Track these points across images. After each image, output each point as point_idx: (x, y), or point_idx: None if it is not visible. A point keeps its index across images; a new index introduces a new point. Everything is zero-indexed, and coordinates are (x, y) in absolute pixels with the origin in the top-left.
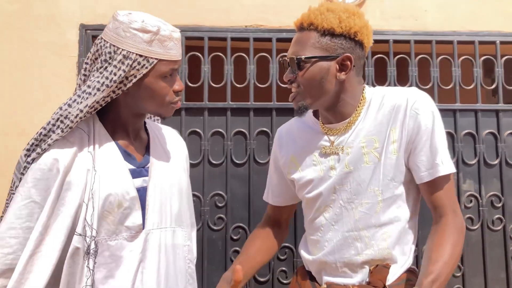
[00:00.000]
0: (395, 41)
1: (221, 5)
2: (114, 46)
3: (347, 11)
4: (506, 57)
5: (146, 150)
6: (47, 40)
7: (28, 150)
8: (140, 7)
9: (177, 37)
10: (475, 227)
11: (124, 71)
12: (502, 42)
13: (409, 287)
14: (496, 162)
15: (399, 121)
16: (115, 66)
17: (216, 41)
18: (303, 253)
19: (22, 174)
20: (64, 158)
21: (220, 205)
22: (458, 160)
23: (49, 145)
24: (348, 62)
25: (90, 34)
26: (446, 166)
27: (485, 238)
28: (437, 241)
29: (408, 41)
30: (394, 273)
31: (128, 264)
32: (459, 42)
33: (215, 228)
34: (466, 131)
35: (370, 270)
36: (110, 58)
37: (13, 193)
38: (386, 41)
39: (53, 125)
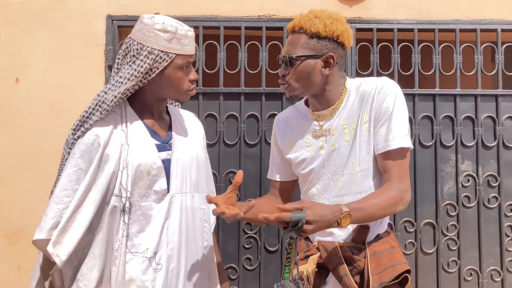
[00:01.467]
0: (399, 30)
1: None
2: (140, 44)
3: (331, 18)
4: (507, 44)
5: (169, 129)
6: (77, 30)
7: (74, 129)
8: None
9: (192, 35)
10: (472, 205)
11: (148, 64)
12: (503, 30)
13: (385, 244)
14: (494, 144)
15: (369, 105)
16: (141, 60)
17: (231, 30)
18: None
19: (70, 148)
20: (103, 135)
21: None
22: (457, 142)
23: (90, 125)
24: (331, 60)
25: (116, 24)
26: (397, 141)
27: (481, 215)
28: (375, 192)
29: (412, 30)
30: (372, 234)
31: (156, 221)
32: (461, 30)
33: None
34: (466, 115)
35: (353, 229)
36: (137, 53)
37: (63, 164)
38: (391, 30)
39: (93, 109)
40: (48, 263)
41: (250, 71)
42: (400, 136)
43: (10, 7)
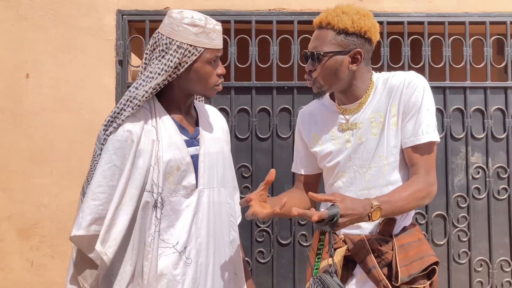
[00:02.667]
0: (409, 23)
1: None
2: (169, 38)
3: (359, 13)
4: None
5: (196, 124)
6: (88, 25)
7: (105, 125)
8: None
9: (219, 29)
10: (482, 196)
11: (178, 58)
12: None
13: (413, 236)
14: (503, 136)
15: (397, 98)
16: (171, 55)
17: (242, 24)
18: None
19: (102, 144)
20: (136, 131)
21: (246, 175)
22: (467, 135)
23: (122, 120)
24: (359, 56)
25: (126, 19)
26: (426, 136)
27: (491, 207)
28: (403, 185)
29: (422, 23)
30: (398, 226)
31: (185, 216)
32: (471, 23)
33: (241, 196)
34: (476, 107)
35: (379, 222)
36: (166, 48)
37: (96, 160)
38: (401, 23)
39: (124, 104)
40: (81, 259)
41: (261, 65)
42: (429, 130)
43: (21, 3)
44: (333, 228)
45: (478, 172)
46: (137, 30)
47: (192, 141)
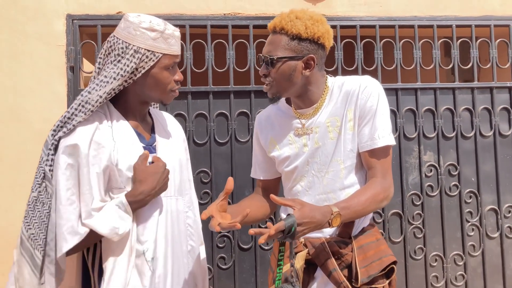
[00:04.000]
0: (362, 26)
1: None
2: (126, 42)
3: (312, 19)
4: (462, 39)
5: (152, 131)
6: (36, 30)
7: (54, 130)
8: None
9: (178, 35)
10: (435, 194)
11: (135, 63)
12: (458, 26)
13: (371, 237)
14: (453, 135)
15: (353, 103)
16: (127, 59)
17: (197, 28)
18: (283, 215)
19: (50, 149)
20: (89, 134)
21: (205, 181)
22: (419, 134)
23: (73, 125)
24: (312, 62)
25: (76, 24)
26: (382, 140)
27: (443, 203)
28: (361, 189)
29: (373, 26)
30: (357, 227)
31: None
32: (420, 26)
33: (201, 202)
34: (427, 107)
35: (338, 224)
36: (122, 52)
37: (42, 167)
38: (354, 27)
39: (76, 109)
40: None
41: (218, 70)
42: (384, 133)
43: None
44: (293, 238)
45: (431, 170)
46: (89, 35)
47: (149, 148)
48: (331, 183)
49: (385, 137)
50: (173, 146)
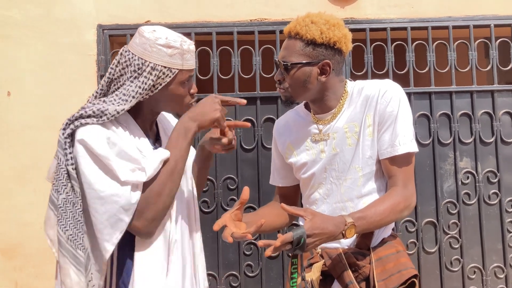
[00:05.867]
0: (392, 29)
1: (227, 1)
2: (142, 59)
3: (328, 23)
4: (501, 39)
5: (156, 137)
6: (68, 41)
7: (64, 129)
8: (152, 7)
9: (193, 49)
10: (472, 202)
11: (152, 80)
12: (496, 25)
13: (391, 248)
14: (492, 140)
15: (373, 108)
16: (145, 77)
17: (224, 35)
18: (301, 223)
19: (65, 149)
20: (102, 130)
21: (232, 187)
22: (454, 140)
23: (81, 123)
24: (328, 68)
25: (107, 34)
26: (403, 147)
27: (482, 212)
28: (379, 199)
29: (405, 28)
30: (377, 238)
31: None
32: (454, 27)
33: (228, 208)
34: (462, 111)
35: (356, 235)
36: (139, 69)
37: (63, 168)
38: (384, 29)
39: (88, 114)
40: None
41: (244, 76)
42: (406, 140)
43: (3, 21)
44: (303, 251)
45: (468, 177)
46: (119, 44)
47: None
48: (348, 191)
49: (407, 143)
50: None
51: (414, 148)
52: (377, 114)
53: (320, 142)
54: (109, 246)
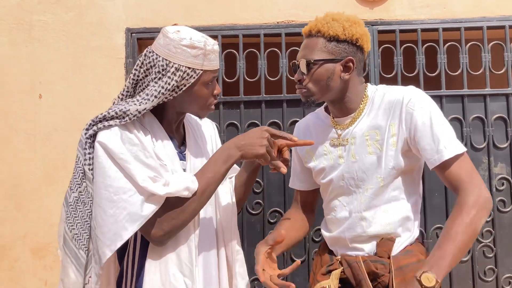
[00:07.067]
0: (423, 30)
1: (254, 3)
2: (166, 60)
3: (350, 21)
4: None
5: (183, 139)
6: (98, 44)
7: (87, 129)
8: (179, 10)
9: (217, 49)
10: (508, 209)
11: (176, 81)
12: None
13: (412, 257)
14: None
15: (397, 117)
16: (169, 77)
17: (250, 38)
18: (322, 231)
19: (85, 149)
20: (125, 133)
21: (257, 191)
22: (488, 144)
23: (104, 125)
24: (351, 64)
25: (135, 37)
26: (449, 149)
27: None
28: (451, 222)
29: (436, 29)
30: (399, 246)
31: None
32: (489, 28)
33: (253, 212)
34: (497, 115)
35: (377, 242)
36: (163, 70)
37: (80, 168)
38: (414, 30)
39: (113, 115)
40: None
41: (271, 79)
42: (450, 142)
43: (33, 25)
44: None
45: (503, 184)
46: (147, 47)
47: (179, 155)
48: (368, 200)
49: (452, 146)
50: (203, 153)
51: (461, 148)
52: (403, 124)
53: (338, 147)
54: (108, 252)
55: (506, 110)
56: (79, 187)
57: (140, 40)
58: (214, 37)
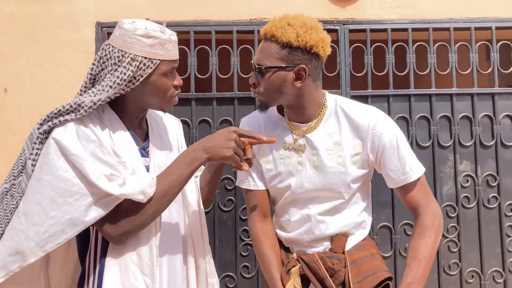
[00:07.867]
0: (393, 30)
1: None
2: (121, 51)
3: (305, 26)
4: (502, 42)
5: (146, 136)
6: (66, 38)
7: (40, 124)
8: (151, 5)
9: (175, 39)
10: (471, 206)
11: (132, 71)
12: (497, 28)
13: (365, 251)
14: (492, 143)
15: (363, 138)
16: (124, 67)
17: (223, 34)
18: (277, 230)
19: (35, 143)
20: (81, 129)
21: (229, 188)
22: (454, 142)
23: (59, 121)
24: (303, 73)
25: (105, 31)
26: (415, 171)
27: (481, 216)
28: (414, 246)
29: (406, 29)
30: (352, 242)
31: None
32: (456, 29)
33: (225, 209)
34: (463, 114)
35: (332, 239)
36: (119, 61)
37: (21, 160)
38: (385, 30)
39: (68, 109)
40: None
41: (243, 75)
42: (414, 164)
43: None
44: None
45: (467, 181)
46: None
47: (142, 152)
48: (328, 208)
49: (416, 168)
50: (167, 149)
51: (422, 169)
52: (369, 146)
53: (295, 152)
54: (40, 252)
55: (471, 109)
56: (14, 179)
57: (110, 34)
58: (187, 33)
